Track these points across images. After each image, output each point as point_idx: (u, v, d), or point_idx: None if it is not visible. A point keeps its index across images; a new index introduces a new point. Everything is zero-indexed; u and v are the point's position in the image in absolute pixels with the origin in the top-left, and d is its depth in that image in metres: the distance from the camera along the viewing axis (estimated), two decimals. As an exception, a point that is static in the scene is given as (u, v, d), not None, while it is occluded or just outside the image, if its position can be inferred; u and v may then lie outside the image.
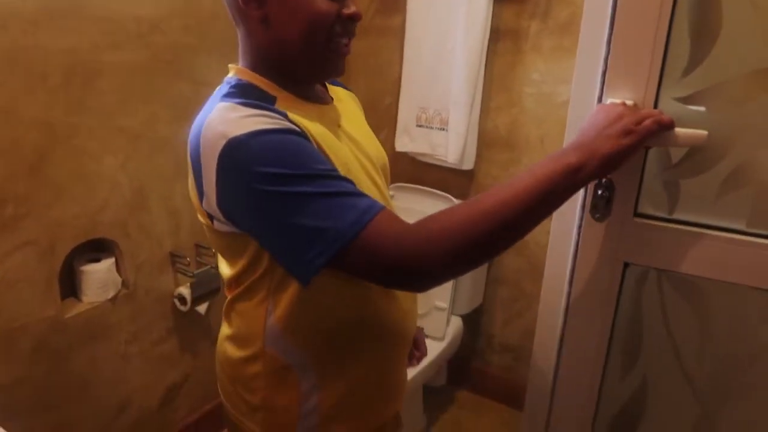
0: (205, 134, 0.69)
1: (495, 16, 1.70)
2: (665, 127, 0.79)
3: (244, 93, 0.74)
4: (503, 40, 1.73)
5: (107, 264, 1.43)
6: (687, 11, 0.85)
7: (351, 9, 0.76)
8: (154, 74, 1.45)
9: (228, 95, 0.73)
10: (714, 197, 0.89)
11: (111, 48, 1.35)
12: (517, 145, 1.78)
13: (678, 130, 0.81)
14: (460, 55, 1.72)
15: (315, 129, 0.75)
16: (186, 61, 1.51)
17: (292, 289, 0.76)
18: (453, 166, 1.83)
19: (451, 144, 1.79)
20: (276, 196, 0.65)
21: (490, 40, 1.71)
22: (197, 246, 1.64)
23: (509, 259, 1.89)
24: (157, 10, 1.42)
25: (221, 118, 0.68)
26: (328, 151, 0.74)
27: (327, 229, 0.64)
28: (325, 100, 0.85)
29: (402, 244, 0.64)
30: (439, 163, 1.88)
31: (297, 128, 0.70)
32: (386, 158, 0.92)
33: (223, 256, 0.81)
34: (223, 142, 0.66)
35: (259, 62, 0.79)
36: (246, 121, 0.67)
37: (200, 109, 0.76)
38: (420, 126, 1.87)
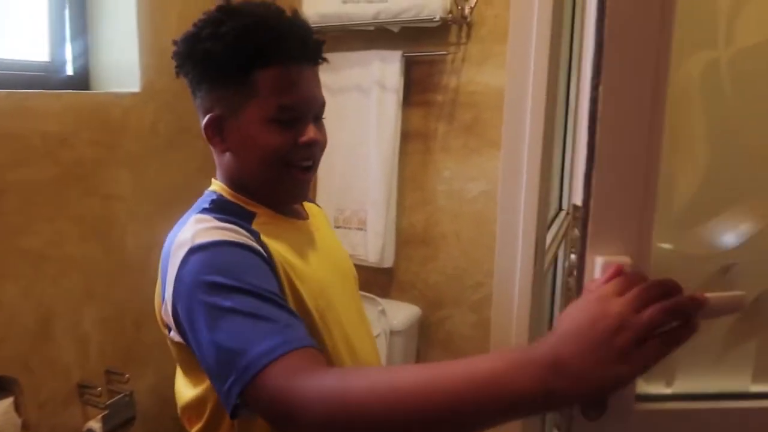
0: (176, 242, 0.71)
1: (404, 119, 1.80)
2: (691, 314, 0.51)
3: (222, 209, 0.76)
4: (413, 141, 1.83)
5: (4, 405, 1.25)
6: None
7: (308, 136, 0.78)
8: (62, 190, 1.37)
9: (207, 210, 0.76)
10: (716, 356, 0.73)
11: (15, 166, 1.26)
12: (434, 241, 1.84)
13: (710, 297, 0.54)
14: (374, 158, 1.78)
15: (288, 254, 0.75)
16: (96, 175, 1.44)
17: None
18: (373, 265, 1.84)
19: (370, 244, 1.82)
20: (209, 308, 0.64)
21: (402, 141, 1.80)
22: (108, 373, 1.49)
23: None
24: (64, 125, 1.36)
25: (193, 228, 0.71)
26: (295, 279, 0.74)
27: (241, 352, 0.60)
28: (302, 215, 0.87)
29: (295, 389, 0.57)
30: (359, 263, 1.89)
31: (261, 250, 0.71)
32: (354, 269, 0.93)
33: (184, 372, 0.77)
34: (187, 248, 0.68)
35: (234, 181, 0.81)
36: (212, 231, 0.70)
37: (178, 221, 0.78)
38: (338, 227, 1.89)
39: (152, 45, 1.57)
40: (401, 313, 1.78)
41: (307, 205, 0.93)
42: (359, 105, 1.82)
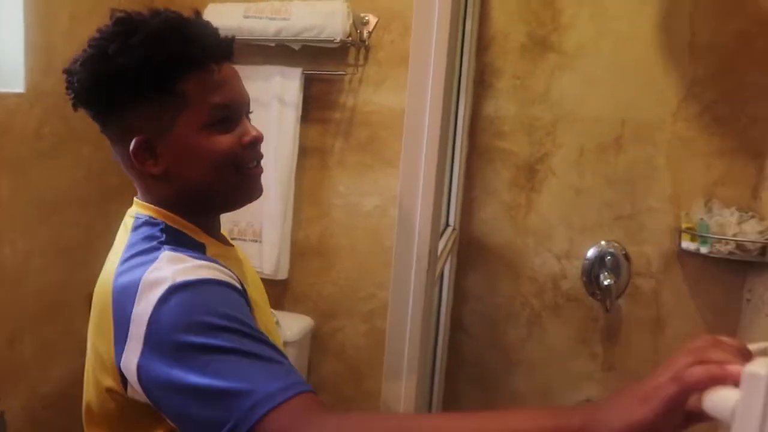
0: (144, 280, 0.64)
1: (302, 135, 1.85)
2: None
3: (178, 241, 0.71)
4: (311, 156, 1.88)
5: None
6: None
7: (251, 134, 0.76)
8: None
9: (166, 242, 0.70)
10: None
11: None
12: (329, 254, 1.89)
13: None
14: (272, 172, 1.81)
15: (244, 281, 0.73)
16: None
17: None
18: (268, 277, 1.86)
19: (265, 255, 1.83)
20: (201, 349, 0.59)
21: (299, 156, 1.84)
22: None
23: (328, 365, 1.94)
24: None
25: (171, 267, 0.65)
26: (254, 310, 0.72)
27: (246, 393, 0.56)
28: (228, 241, 0.85)
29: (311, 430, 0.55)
30: (253, 274, 1.89)
31: (239, 286, 0.69)
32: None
33: (118, 428, 0.70)
34: (166, 286, 0.63)
35: (175, 204, 0.76)
36: (195, 270, 0.65)
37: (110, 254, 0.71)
38: (233, 239, 1.88)
39: (40, 44, 1.50)
40: (295, 324, 1.81)
41: None
42: (259, 119, 1.81)
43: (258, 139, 0.77)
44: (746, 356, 0.47)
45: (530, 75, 1.72)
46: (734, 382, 0.44)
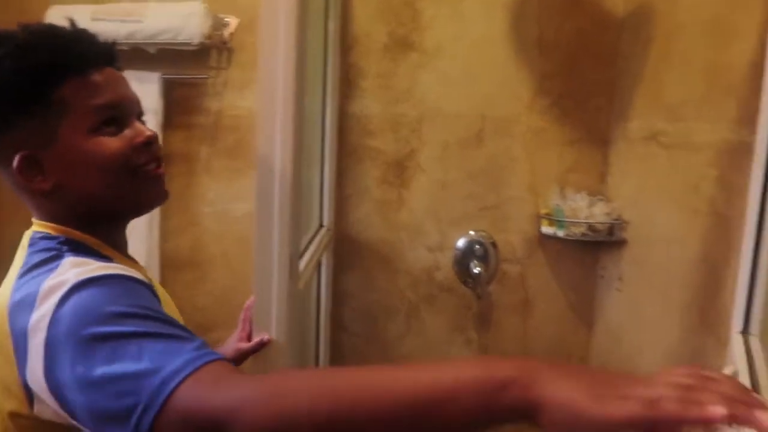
0: (42, 289, 0.62)
1: (166, 142, 1.76)
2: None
3: (82, 251, 0.68)
4: (176, 163, 1.80)
5: None
6: None
7: (143, 134, 0.73)
8: None
9: (69, 251, 0.68)
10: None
11: None
12: (201, 264, 1.82)
13: None
14: (133, 181, 1.71)
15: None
16: None
17: None
18: (137, 292, 1.76)
19: (132, 270, 1.74)
20: (105, 338, 0.57)
21: (164, 164, 1.75)
22: None
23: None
24: None
25: (73, 270, 0.63)
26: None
27: (153, 371, 0.54)
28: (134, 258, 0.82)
29: (223, 396, 0.53)
30: (120, 291, 1.79)
31: (150, 285, 0.67)
32: None
33: None
34: (66, 287, 0.61)
35: (72, 218, 0.72)
36: (99, 268, 0.64)
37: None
38: (95, 255, 1.77)
39: None
40: (169, 339, 1.73)
41: None
42: (114, 126, 1.73)
43: (152, 139, 0.75)
44: (737, 399, 0.42)
45: (393, 74, 1.75)
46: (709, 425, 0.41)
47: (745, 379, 0.83)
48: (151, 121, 1.72)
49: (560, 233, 1.68)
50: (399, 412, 0.49)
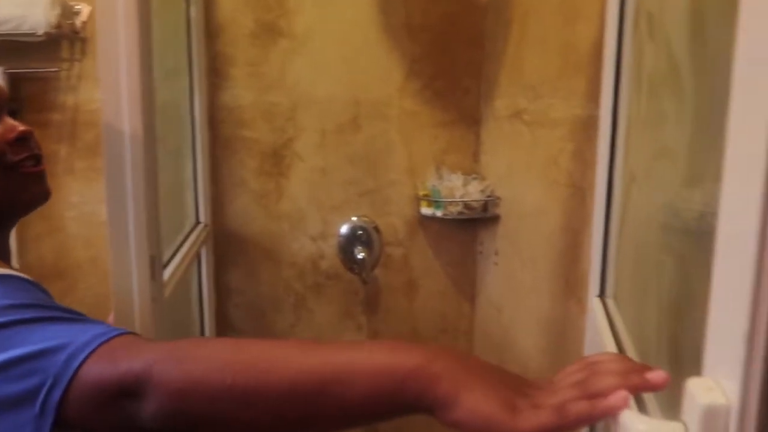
0: None
1: (14, 143, 1.61)
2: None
3: None
4: (30, 166, 1.65)
5: None
6: None
7: (15, 130, 0.70)
8: None
9: None
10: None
11: None
12: (69, 272, 1.70)
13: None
14: (-21, 187, 1.56)
15: None
16: None
17: None
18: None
19: (-13, 284, 1.58)
20: (7, 325, 0.54)
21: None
22: None
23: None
24: None
25: None
26: None
27: (58, 348, 0.52)
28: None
29: (135, 361, 0.52)
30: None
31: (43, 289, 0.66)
32: None
33: None
34: None
35: None
36: None
37: None
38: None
39: None
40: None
41: None
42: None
43: (27, 134, 0.72)
44: (627, 371, 0.44)
45: (263, 61, 1.71)
46: (615, 414, 0.41)
47: (609, 340, 0.88)
48: (-3, 121, 1.57)
49: (438, 213, 1.72)
50: (295, 387, 0.47)
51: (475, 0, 1.77)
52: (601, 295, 1.09)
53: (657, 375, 0.43)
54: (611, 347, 0.83)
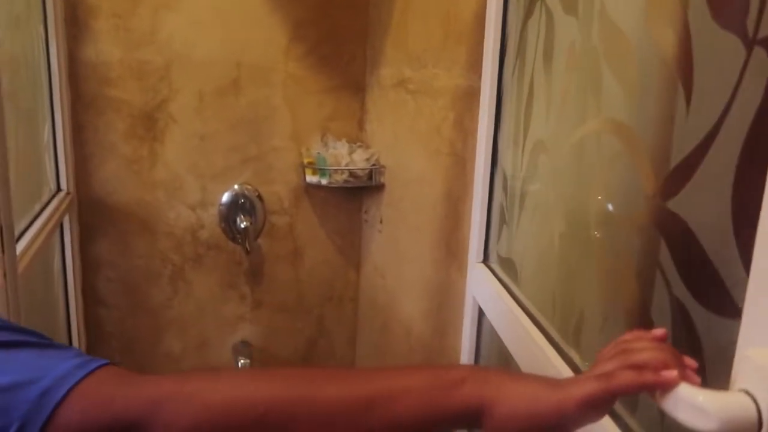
0: None
1: None
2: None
3: None
4: None
5: None
6: None
7: None
8: None
9: None
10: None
11: None
12: None
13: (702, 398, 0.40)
14: None
15: None
16: None
17: None
18: None
19: None
20: None
21: None
22: None
23: None
24: None
25: None
26: None
27: (31, 381, 0.43)
28: None
29: (128, 396, 0.45)
30: None
31: None
32: None
33: None
34: None
35: None
36: None
37: None
38: None
39: None
40: None
41: None
42: None
43: None
44: (672, 354, 0.44)
45: (131, 14, 1.57)
46: (667, 389, 0.41)
47: (510, 303, 0.90)
48: None
49: (324, 181, 1.69)
50: (339, 407, 0.45)
51: (361, -36, 1.73)
52: (485, 260, 1.13)
53: (693, 373, 0.43)
54: (514, 310, 0.86)
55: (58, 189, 1.50)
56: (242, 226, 1.69)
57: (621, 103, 0.63)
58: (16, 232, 1.02)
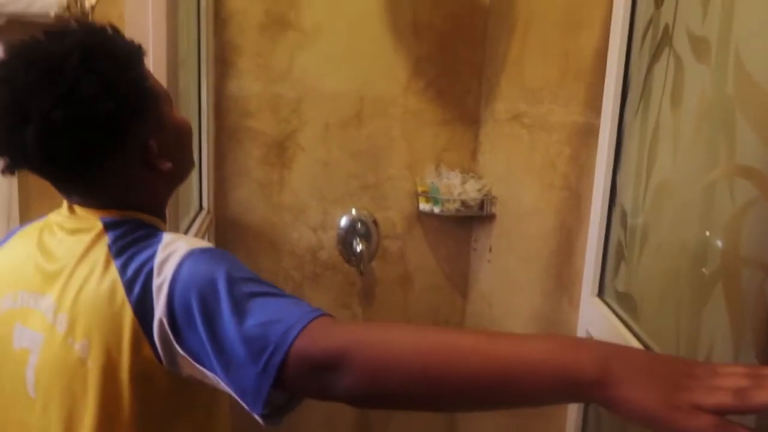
0: (157, 262, 0.67)
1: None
2: None
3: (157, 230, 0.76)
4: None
5: None
6: None
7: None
8: None
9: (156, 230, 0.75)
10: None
11: None
12: None
13: None
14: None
15: None
16: None
17: None
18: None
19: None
20: (233, 297, 0.63)
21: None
22: None
23: None
24: None
25: (179, 240, 0.70)
26: None
27: (278, 320, 0.61)
28: None
29: (345, 333, 0.60)
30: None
31: None
32: None
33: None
34: (182, 253, 0.67)
35: (140, 206, 0.77)
36: (198, 240, 0.73)
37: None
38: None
39: None
40: None
41: None
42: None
43: None
44: None
45: (271, 53, 1.74)
46: None
47: (629, 338, 0.92)
48: None
49: (436, 210, 1.77)
50: (484, 377, 0.54)
51: (479, 2, 1.81)
52: (600, 294, 1.14)
53: None
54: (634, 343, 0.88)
55: (200, 208, 1.68)
56: (358, 249, 1.80)
57: (755, 150, 0.65)
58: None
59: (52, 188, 0.77)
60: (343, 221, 1.83)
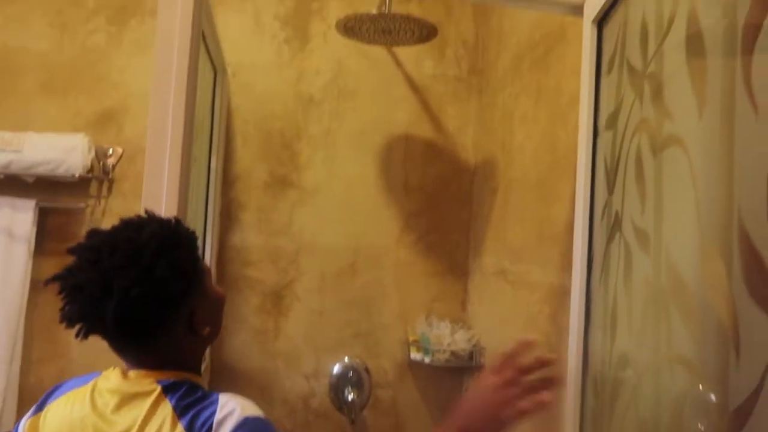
0: (217, 418, 0.75)
1: (37, 269, 1.73)
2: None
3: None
4: (47, 291, 1.76)
5: None
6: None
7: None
8: None
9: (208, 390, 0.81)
10: None
11: None
12: (67, 396, 1.75)
13: None
14: (-4, 312, 1.66)
15: None
16: None
17: None
18: (-12, 432, 1.64)
19: (-15, 407, 1.63)
20: None
21: (32, 292, 1.72)
22: None
23: None
24: None
25: (234, 401, 0.78)
26: None
27: None
28: None
29: None
30: (-31, 431, 1.66)
31: None
32: None
33: None
34: (239, 416, 0.75)
35: (187, 366, 0.84)
36: (252, 404, 0.79)
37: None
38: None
39: None
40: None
41: None
42: (-19, 254, 1.69)
43: None
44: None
45: (273, 209, 1.88)
46: None
47: None
48: (21, 249, 1.70)
49: (427, 359, 1.81)
50: None
51: (465, 164, 1.98)
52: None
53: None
54: None
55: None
56: (349, 398, 1.82)
57: (685, 341, 0.73)
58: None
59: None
60: (336, 368, 1.86)
